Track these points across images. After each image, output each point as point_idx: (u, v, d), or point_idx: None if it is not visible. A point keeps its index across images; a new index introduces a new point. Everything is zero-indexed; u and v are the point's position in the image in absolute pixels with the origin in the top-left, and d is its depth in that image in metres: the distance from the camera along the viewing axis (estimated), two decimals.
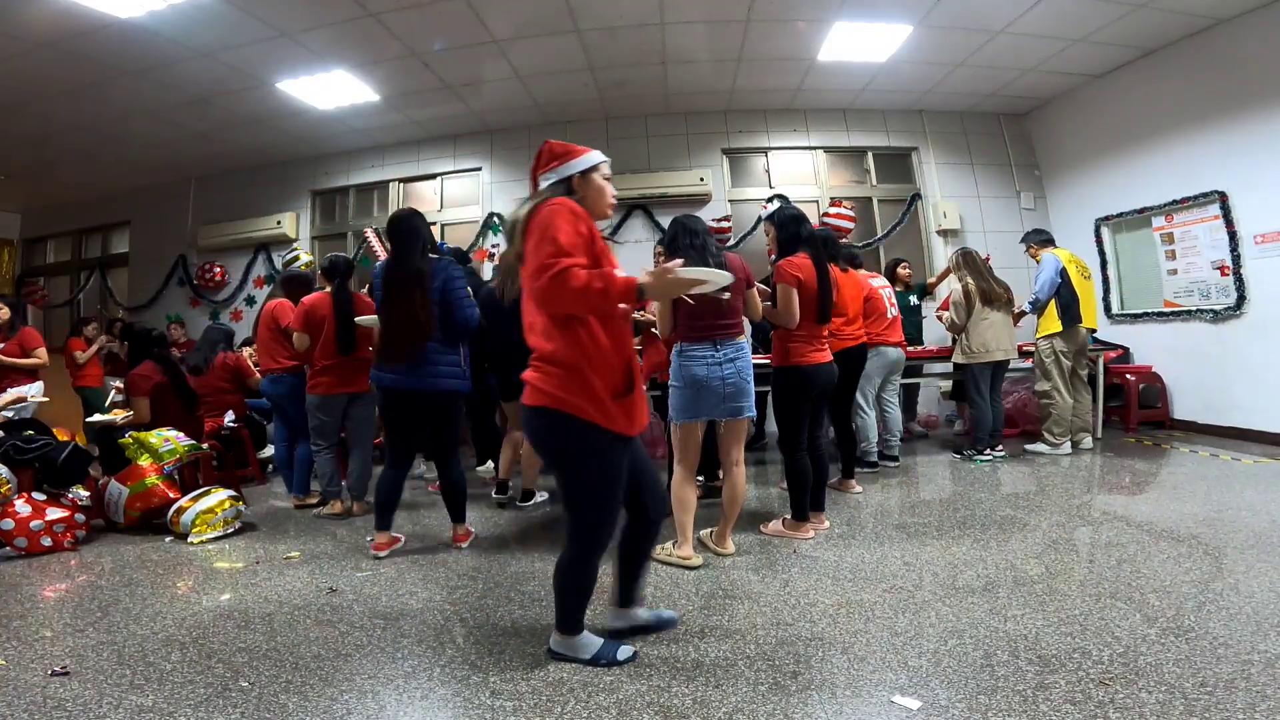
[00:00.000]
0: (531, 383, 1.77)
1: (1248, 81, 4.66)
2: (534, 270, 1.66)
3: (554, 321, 1.73)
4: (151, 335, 4.52)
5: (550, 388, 1.73)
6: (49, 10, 4.16)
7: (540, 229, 1.68)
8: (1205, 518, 3.06)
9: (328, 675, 1.91)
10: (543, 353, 1.76)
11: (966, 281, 4.58)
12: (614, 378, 1.78)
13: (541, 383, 1.75)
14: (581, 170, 1.87)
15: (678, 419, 2.75)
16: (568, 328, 1.73)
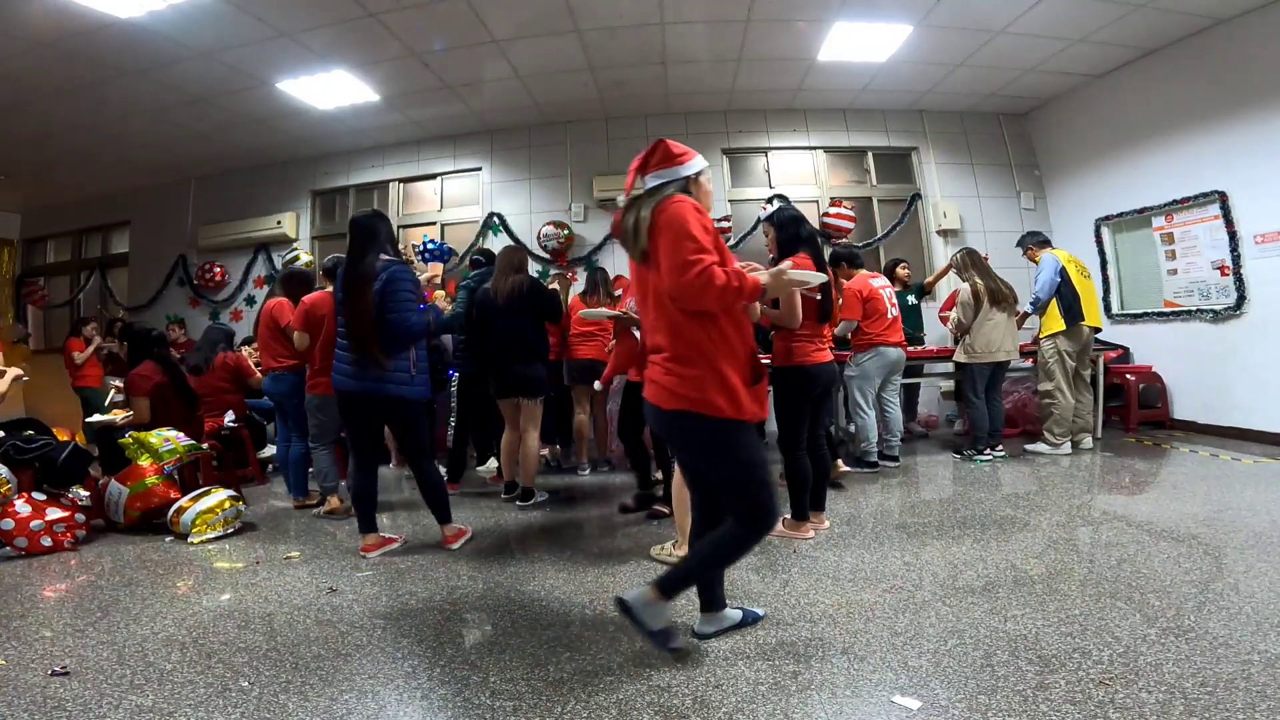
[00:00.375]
0: (662, 384, 1.79)
1: (1248, 81, 4.66)
2: (674, 267, 1.68)
3: (684, 319, 1.74)
4: (151, 335, 4.52)
5: (686, 390, 1.75)
6: (49, 10, 4.15)
7: (674, 227, 1.71)
8: (1205, 518, 3.06)
9: (328, 675, 1.91)
10: (673, 352, 1.77)
11: (975, 281, 4.58)
12: (744, 368, 1.80)
13: (676, 385, 1.76)
14: (695, 173, 1.92)
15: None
16: (698, 324, 1.74)
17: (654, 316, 1.84)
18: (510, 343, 3.71)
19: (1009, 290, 4.64)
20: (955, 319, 4.70)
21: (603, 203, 6.56)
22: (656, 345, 1.83)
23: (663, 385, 1.79)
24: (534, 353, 3.74)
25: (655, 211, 1.77)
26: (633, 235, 1.82)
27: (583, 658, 1.96)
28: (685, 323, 1.75)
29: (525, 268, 3.85)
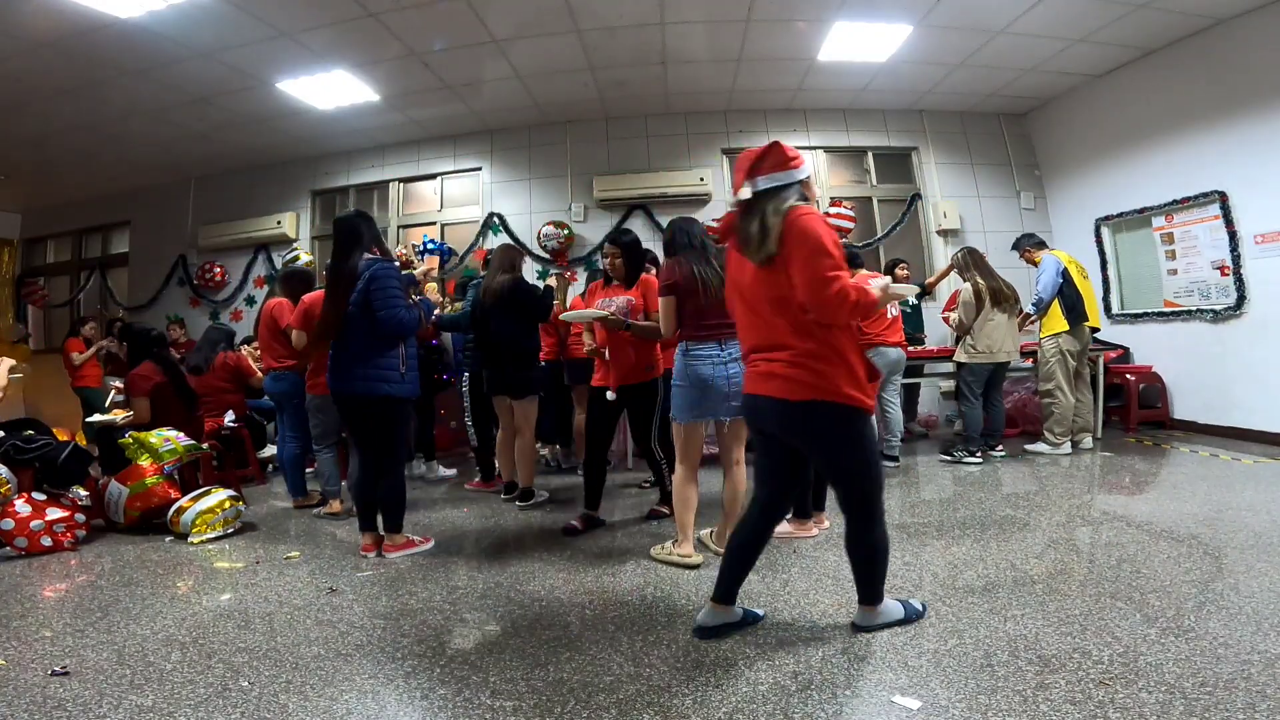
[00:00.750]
0: (790, 378, 1.85)
1: (1248, 81, 4.66)
2: (813, 281, 1.74)
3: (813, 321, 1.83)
4: (150, 335, 4.52)
5: (820, 381, 1.82)
6: (49, 10, 4.15)
7: (811, 241, 1.77)
8: (1205, 518, 3.06)
9: (328, 675, 1.91)
10: (803, 349, 1.84)
11: (976, 281, 4.57)
12: (864, 364, 1.90)
13: (808, 378, 1.83)
14: (806, 177, 1.95)
15: (682, 419, 2.73)
16: (826, 326, 1.84)
17: (768, 316, 1.90)
18: (500, 342, 3.72)
19: (1011, 290, 4.63)
20: (957, 319, 4.68)
21: (602, 203, 6.56)
22: (781, 344, 1.88)
23: (790, 379, 1.85)
24: (523, 352, 3.73)
25: (787, 220, 1.81)
26: (758, 240, 1.85)
27: (583, 658, 1.96)
28: (815, 324, 1.83)
29: (516, 267, 3.82)
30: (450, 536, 3.37)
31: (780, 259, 1.82)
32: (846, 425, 1.87)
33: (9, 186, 7.50)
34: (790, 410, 1.87)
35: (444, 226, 7.04)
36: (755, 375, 1.97)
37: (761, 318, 1.92)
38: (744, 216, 1.93)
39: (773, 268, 1.84)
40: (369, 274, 2.87)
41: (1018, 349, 4.66)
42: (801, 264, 1.77)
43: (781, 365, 1.87)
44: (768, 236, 1.83)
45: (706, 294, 2.70)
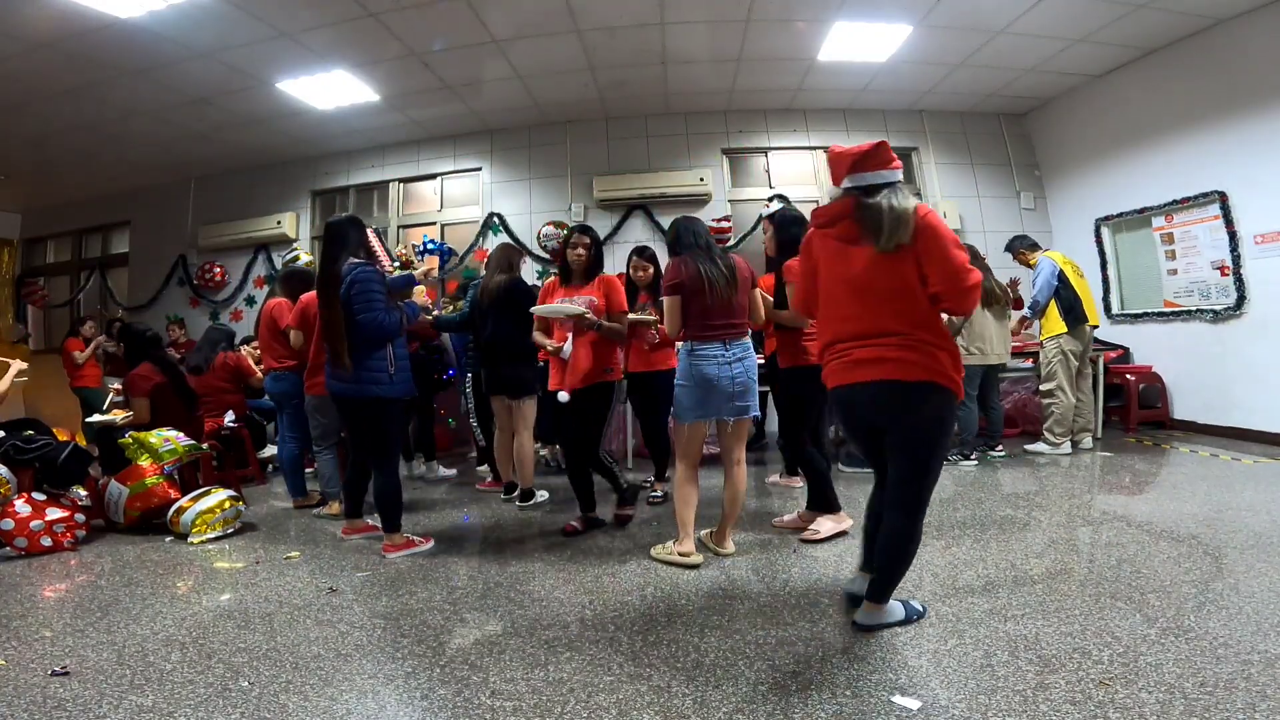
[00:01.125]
0: (904, 359, 1.90)
1: (1248, 81, 4.66)
2: (953, 272, 1.86)
3: (928, 309, 1.92)
4: (146, 335, 4.52)
5: (934, 364, 1.90)
6: (49, 10, 4.15)
7: (944, 235, 1.88)
8: (1205, 518, 3.06)
9: (328, 675, 1.91)
10: (916, 335, 1.91)
11: None
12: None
13: (923, 360, 1.90)
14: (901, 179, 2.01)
15: (685, 418, 2.73)
16: (936, 315, 1.95)
17: (876, 304, 1.94)
18: (497, 342, 3.73)
19: (1002, 292, 4.61)
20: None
21: (602, 203, 6.56)
22: (876, 330, 1.94)
23: (904, 361, 1.90)
24: (520, 352, 3.71)
25: (920, 214, 1.88)
26: (889, 225, 1.88)
27: (583, 658, 1.96)
28: (930, 313, 1.93)
29: (515, 267, 3.83)
30: (450, 536, 3.37)
31: (908, 249, 1.87)
32: (946, 408, 1.94)
33: (9, 186, 7.50)
34: (901, 390, 1.91)
35: (444, 226, 7.04)
36: (853, 363, 1.98)
37: (868, 305, 1.96)
38: (862, 207, 1.94)
39: (895, 257, 1.89)
40: (350, 278, 2.93)
41: (1009, 350, 4.64)
42: (941, 257, 1.86)
43: (893, 349, 1.91)
44: (900, 227, 1.87)
45: (712, 294, 2.68)
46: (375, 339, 2.94)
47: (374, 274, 2.99)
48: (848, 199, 1.99)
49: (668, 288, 2.74)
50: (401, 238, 7.05)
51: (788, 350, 3.07)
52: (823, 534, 2.98)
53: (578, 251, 3.19)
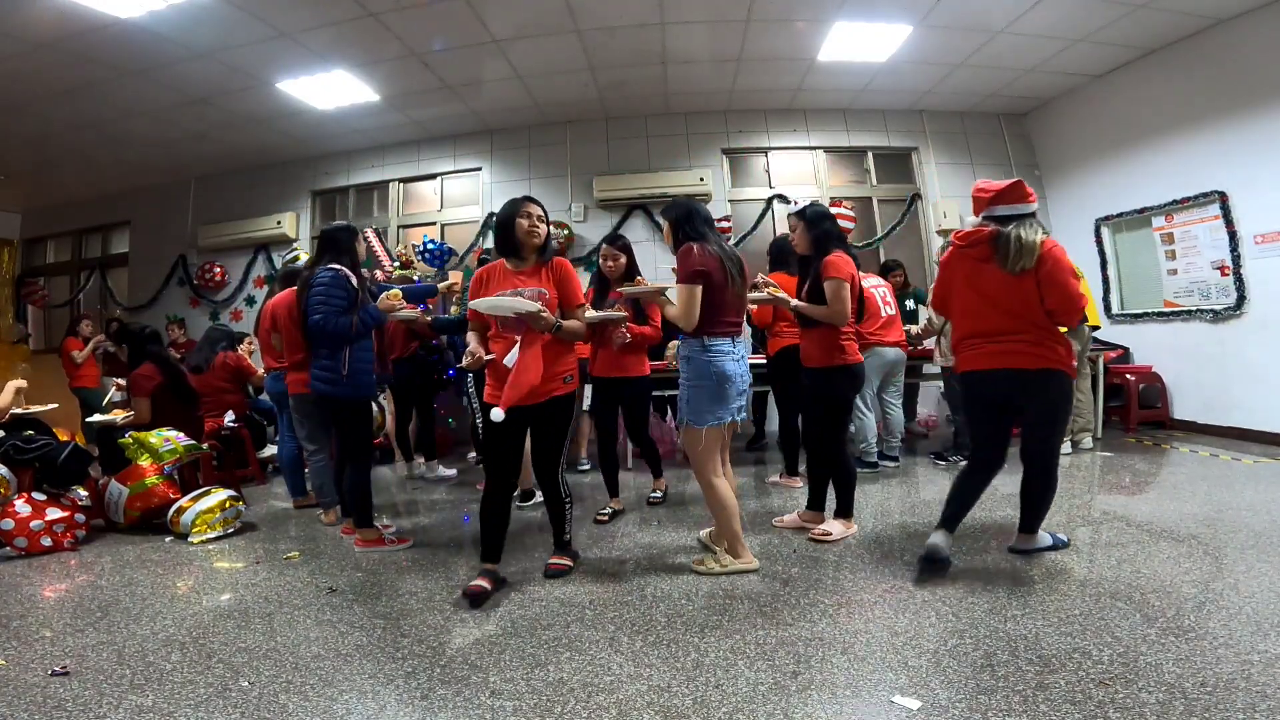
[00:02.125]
0: (1033, 353, 2.43)
1: (1248, 81, 4.66)
2: (1068, 296, 2.38)
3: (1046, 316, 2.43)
4: (144, 333, 4.52)
5: (1056, 355, 2.44)
6: (49, 10, 4.15)
7: (1064, 267, 2.39)
8: (1205, 518, 3.06)
9: (328, 675, 1.92)
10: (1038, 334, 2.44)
11: None
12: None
13: (1048, 353, 2.43)
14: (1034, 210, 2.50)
15: (705, 421, 2.53)
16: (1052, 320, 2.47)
17: (1007, 310, 2.45)
18: None
19: None
20: (925, 322, 4.58)
21: (602, 203, 6.56)
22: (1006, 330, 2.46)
23: (1032, 354, 2.43)
24: None
25: (1043, 248, 2.37)
26: (1015, 253, 2.39)
27: (582, 658, 1.96)
28: (1047, 319, 2.45)
29: None
30: (450, 536, 3.37)
31: (1032, 273, 2.38)
32: (1065, 386, 2.49)
33: (9, 186, 7.50)
34: (1026, 375, 2.45)
35: (444, 226, 7.04)
36: (986, 354, 2.51)
37: (1000, 311, 2.47)
38: (997, 236, 2.44)
39: (1020, 277, 2.40)
40: (314, 280, 3.06)
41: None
42: (1059, 285, 2.37)
43: (1024, 345, 2.44)
44: (1025, 255, 2.37)
45: (732, 287, 2.54)
46: (324, 340, 3.04)
47: (335, 278, 3.06)
48: (986, 226, 2.49)
49: (690, 274, 2.49)
50: (401, 238, 7.05)
51: (822, 349, 2.94)
52: (834, 536, 2.95)
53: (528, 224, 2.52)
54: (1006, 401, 2.56)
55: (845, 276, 2.87)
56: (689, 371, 2.58)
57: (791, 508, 3.45)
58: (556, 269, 2.57)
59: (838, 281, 2.86)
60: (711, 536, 2.92)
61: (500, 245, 2.58)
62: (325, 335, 3.01)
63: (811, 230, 3.00)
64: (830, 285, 2.87)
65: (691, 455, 2.59)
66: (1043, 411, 2.51)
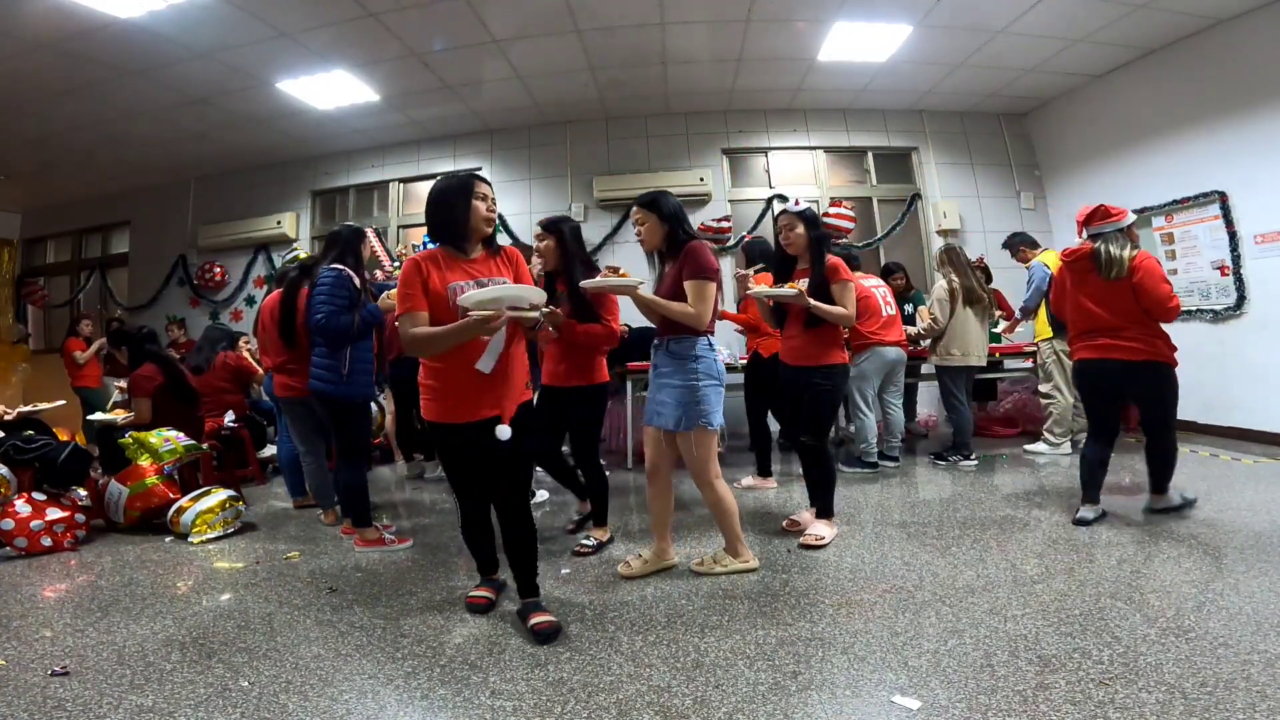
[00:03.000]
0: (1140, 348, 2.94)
1: (1248, 81, 4.66)
2: (1163, 297, 2.87)
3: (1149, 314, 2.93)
4: (142, 334, 4.52)
5: (1154, 348, 2.94)
6: (49, 10, 4.15)
7: (1156, 274, 2.91)
8: (1205, 518, 3.06)
9: (328, 675, 1.91)
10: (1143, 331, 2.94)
11: (951, 279, 4.54)
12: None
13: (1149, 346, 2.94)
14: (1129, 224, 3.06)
15: (716, 422, 2.52)
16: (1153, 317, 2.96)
17: (1113, 312, 2.97)
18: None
19: (985, 292, 4.61)
20: (928, 323, 4.58)
21: (602, 203, 6.56)
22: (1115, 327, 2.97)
23: (1139, 349, 2.93)
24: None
25: (1136, 259, 2.91)
26: (1106, 264, 2.94)
27: (582, 658, 1.96)
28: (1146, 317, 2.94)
29: None
30: (450, 537, 3.37)
31: (1127, 280, 2.90)
32: (1169, 373, 2.99)
33: (9, 186, 7.49)
34: (1138, 366, 2.94)
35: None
36: (1100, 346, 3.01)
37: (1109, 312, 2.97)
38: (1094, 251, 2.99)
39: (1118, 283, 2.92)
40: (318, 280, 3.10)
41: (985, 353, 4.64)
42: (1150, 290, 2.88)
43: (1131, 340, 2.93)
44: (1115, 265, 2.92)
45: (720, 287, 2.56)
46: (326, 339, 3.05)
47: (336, 277, 3.07)
48: (1088, 243, 3.05)
49: (710, 271, 2.44)
50: (401, 238, 7.05)
51: (825, 347, 2.95)
52: (826, 540, 2.93)
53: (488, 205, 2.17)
54: (1117, 386, 3.06)
55: (851, 278, 2.98)
56: (710, 370, 2.52)
57: (781, 505, 3.45)
58: (512, 259, 2.25)
59: (846, 284, 2.95)
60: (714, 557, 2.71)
61: (443, 229, 2.14)
62: (327, 334, 3.00)
63: (812, 231, 3.01)
64: (841, 288, 2.94)
65: (698, 458, 2.52)
66: (1152, 395, 3.04)
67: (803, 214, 3.04)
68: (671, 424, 2.50)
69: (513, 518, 2.21)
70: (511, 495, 2.20)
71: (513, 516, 2.21)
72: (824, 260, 2.96)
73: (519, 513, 2.22)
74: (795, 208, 3.07)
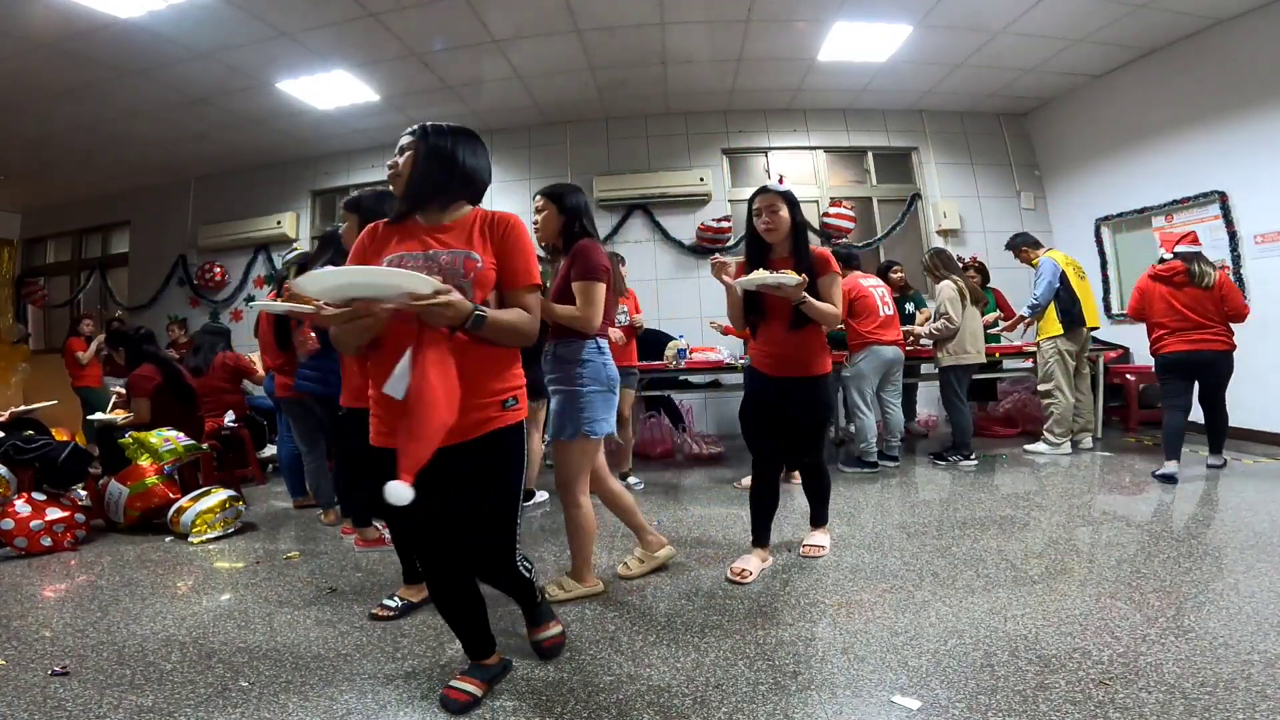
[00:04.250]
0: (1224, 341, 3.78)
1: (1248, 81, 4.66)
2: (1240, 307, 3.80)
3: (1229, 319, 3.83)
4: (139, 334, 4.52)
5: (1231, 341, 3.80)
6: (49, 10, 4.15)
7: (1235, 289, 3.85)
8: (1205, 518, 3.06)
9: (328, 675, 1.91)
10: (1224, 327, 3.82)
11: (955, 279, 4.54)
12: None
13: (1229, 340, 3.80)
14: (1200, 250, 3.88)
15: (602, 430, 2.35)
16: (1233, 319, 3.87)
17: (1203, 314, 3.76)
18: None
19: (979, 291, 4.66)
20: (942, 323, 4.51)
21: (602, 203, 6.55)
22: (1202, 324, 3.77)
23: (1224, 341, 3.78)
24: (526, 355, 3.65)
25: (1221, 278, 3.80)
26: (1206, 278, 3.76)
27: (583, 658, 1.96)
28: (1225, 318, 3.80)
29: None
30: None
31: (1216, 289, 3.75)
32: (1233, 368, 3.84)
33: (9, 186, 7.49)
34: (1222, 355, 3.78)
35: None
36: (1190, 340, 3.77)
37: (1199, 313, 3.75)
38: (1189, 270, 3.78)
39: (1207, 292, 3.74)
40: None
41: (983, 350, 4.65)
42: (1235, 298, 3.80)
43: (1215, 335, 3.75)
44: (1205, 280, 3.75)
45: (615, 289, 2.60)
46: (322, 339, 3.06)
47: None
48: (1178, 260, 3.82)
49: (600, 270, 2.28)
50: None
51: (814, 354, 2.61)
52: (827, 549, 2.80)
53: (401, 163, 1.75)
54: (1201, 372, 3.82)
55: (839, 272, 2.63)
56: (585, 376, 2.33)
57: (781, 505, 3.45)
58: (499, 226, 1.65)
59: (836, 278, 2.57)
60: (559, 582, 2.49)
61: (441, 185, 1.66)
62: (320, 334, 3.02)
63: (796, 215, 2.57)
64: (831, 281, 2.54)
65: (570, 467, 2.34)
66: (1225, 376, 3.83)
67: (786, 194, 2.62)
68: (554, 431, 2.35)
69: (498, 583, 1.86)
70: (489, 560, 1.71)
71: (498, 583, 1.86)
72: (808, 249, 2.56)
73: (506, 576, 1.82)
74: (778, 186, 2.63)
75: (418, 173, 1.67)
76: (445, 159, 1.66)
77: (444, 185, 1.66)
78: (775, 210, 2.55)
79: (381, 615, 2.33)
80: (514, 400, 1.68)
